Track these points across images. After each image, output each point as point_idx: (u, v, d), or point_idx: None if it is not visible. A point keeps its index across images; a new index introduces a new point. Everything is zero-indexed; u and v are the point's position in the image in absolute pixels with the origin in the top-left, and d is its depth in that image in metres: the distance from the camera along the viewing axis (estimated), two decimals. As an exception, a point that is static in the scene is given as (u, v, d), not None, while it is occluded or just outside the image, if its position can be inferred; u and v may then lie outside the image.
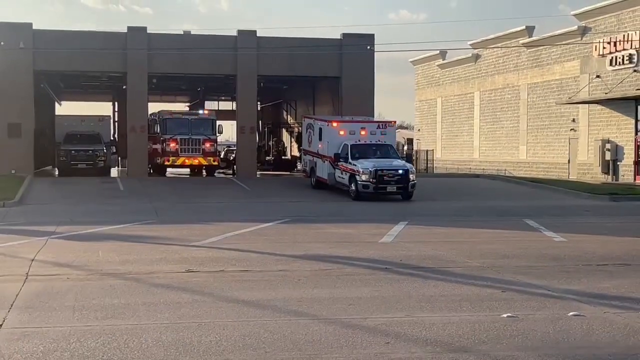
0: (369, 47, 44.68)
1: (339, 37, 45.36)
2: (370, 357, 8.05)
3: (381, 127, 34.66)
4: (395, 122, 37.20)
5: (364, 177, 31.13)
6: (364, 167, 31.25)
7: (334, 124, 34.79)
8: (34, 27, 41.15)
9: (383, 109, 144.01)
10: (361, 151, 32.78)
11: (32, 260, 14.78)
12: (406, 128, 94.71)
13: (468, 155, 59.02)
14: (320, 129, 35.70)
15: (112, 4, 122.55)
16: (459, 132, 60.89)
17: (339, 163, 33.06)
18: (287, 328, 9.26)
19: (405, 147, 67.06)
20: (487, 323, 9.58)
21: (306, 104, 56.32)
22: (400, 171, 31.61)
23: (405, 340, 8.80)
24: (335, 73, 44.89)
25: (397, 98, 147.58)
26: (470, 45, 56.79)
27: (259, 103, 54.41)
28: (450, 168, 59.13)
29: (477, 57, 57.89)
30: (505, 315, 10.00)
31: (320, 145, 35.51)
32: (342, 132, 34.03)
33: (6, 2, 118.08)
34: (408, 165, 33.07)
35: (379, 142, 33.76)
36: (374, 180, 31.01)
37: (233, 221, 22.77)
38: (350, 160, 32.30)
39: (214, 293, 11.58)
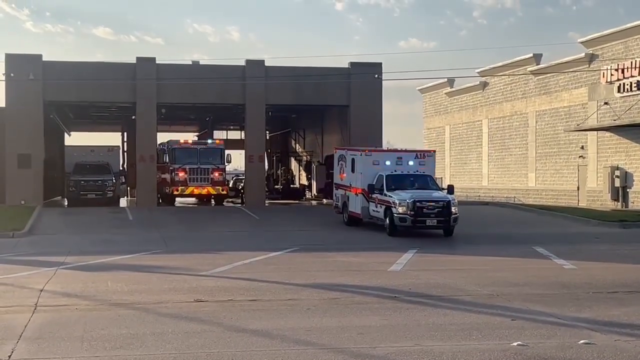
0: (376, 76, 44.83)
1: (347, 65, 45.56)
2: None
3: (419, 156, 31.96)
4: (434, 151, 34.93)
5: (400, 210, 28.18)
6: (401, 199, 28.42)
7: (368, 154, 32.19)
8: (44, 58, 41.46)
9: (391, 137, 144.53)
10: (398, 182, 30.12)
11: (41, 290, 14.79)
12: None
13: (477, 183, 58.96)
14: (353, 160, 33.23)
15: (124, 34, 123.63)
16: (467, 160, 60.88)
17: (373, 195, 30.38)
18: (296, 357, 9.23)
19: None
20: (497, 352, 9.53)
21: (314, 133, 56.46)
22: (442, 203, 28.39)
23: (415, 369, 8.75)
24: (343, 102, 45.02)
25: (406, 126, 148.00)
26: (477, 73, 56.93)
27: (267, 132, 54.59)
28: (459, 195, 58.61)
29: (484, 84, 57.99)
30: (515, 344, 9.94)
31: (352, 177, 33.00)
32: (376, 163, 31.47)
33: (17, 34, 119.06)
34: (450, 196, 29.32)
35: (417, 173, 31.21)
36: (412, 213, 27.94)
37: (242, 250, 22.75)
38: (385, 192, 29.65)
39: (222, 323, 11.56)
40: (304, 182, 59.81)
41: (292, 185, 59.80)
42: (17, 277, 17.10)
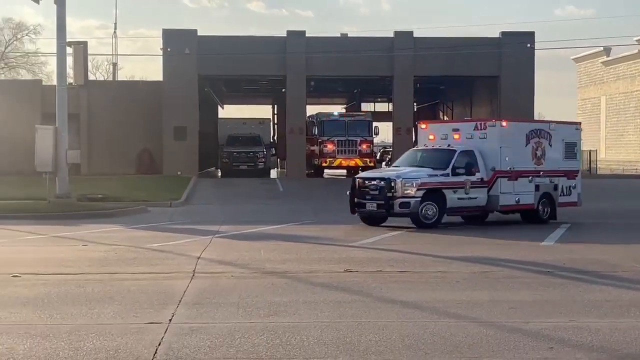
0: (529, 45, 43.70)
1: (498, 35, 44.61)
2: (533, 362, 7.89)
3: (480, 127, 23.86)
4: (498, 120, 24.80)
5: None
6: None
7: (423, 126, 26.12)
8: (199, 33, 42.71)
9: (542, 108, 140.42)
10: (411, 159, 24.26)
11: (198, 258, 15.33)
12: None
13: (635, 156, 56.57)
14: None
15: (276, 8, 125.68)
16: (624, 132, 58.53)
17: None
18: (447, 330, 9.20)
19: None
20: (657, 330, 9.17)
21: (463, 105, 55.72)
22: (382, 182, 21.87)
23: (570, 345, 8.55)
24: (493, 72, 44.20)
25: (557, 96, 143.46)
26: (636, 40, 54.46)
27: (415, 104, 54.24)
28: (615, 169, 56.89)
29: (644, 53, 55.45)
30: (676, 323, 9.54)
31: None
32: (431, 137, 24.78)
33: (174, 9, 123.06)
34: (394, 174, 22.21)
35: (448, 148, 23.35)
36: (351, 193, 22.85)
37: (390, 223, 22.78)
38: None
39: (372, 293, 11.64)
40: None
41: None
42: (175, 244, 17.80)
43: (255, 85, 55.10)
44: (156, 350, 8.24)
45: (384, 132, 57.15)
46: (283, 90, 46.42)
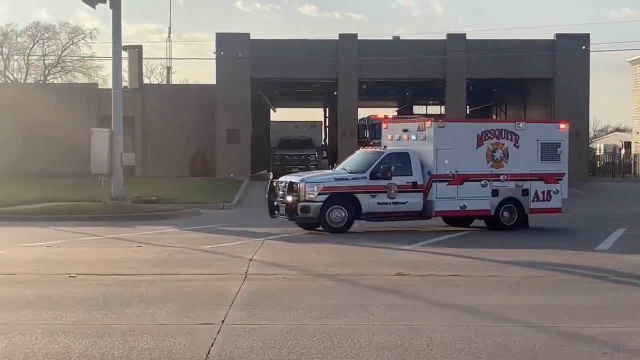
0: (584, 48, 43.11)
1: (552, 37, 44.13)
2: (588, 368, 7.80)
3: (421, 128, 22.46)
4: (437, 120, 24.49)
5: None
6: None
7: (385, 126, 25.33)
8: (252, 37, 43.00)
9: (597, 110, 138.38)
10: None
11: (250, 259, 15.41)
12: (623, 130, 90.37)
13: (692, 160, 55.45)
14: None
15: (328, 11, 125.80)
16: (682, 135, 57.37)
17: None
18: (500, 334, 9.13)
19: (623, 151, 63.91)
20: None
21: (516, 107, 55.16)
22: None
23: (625, 351, 8.44)
24: (547, 75, 43.66)
25: (613, 99, 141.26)
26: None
27: (467, 106, 53.85)
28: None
29: (702, 54, 54.35)
30: None
31: None
32: (389, 137, 23.81)
33: (227, 13, 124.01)
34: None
35: (379, 150, 23.18)
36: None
37: (441, 225, 22.65)
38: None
39: (424, 297, 11.60)
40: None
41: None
42: (227, 246, 17.92)
43: (307, 88, 55.21)
44: (209, 351, 8.32)
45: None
46: (335, 93, 46.45)
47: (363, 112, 49.85)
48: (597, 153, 58.22)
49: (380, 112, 57.27)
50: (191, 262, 15.44)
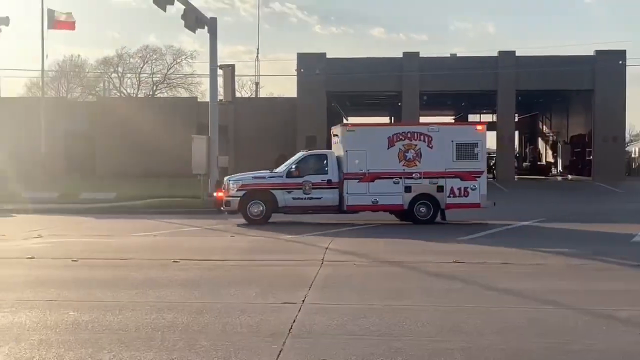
0: (620, 62, 42.04)
1: (592, 53, 43.15)
2: (623, 345, 7.60)
3: (340, 133, 22.49)
4: (342, 126, 23.20)
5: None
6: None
7: (332, 131, 24.52)
8: (328, 56, 43.13)
9: (633, 118, 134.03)
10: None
11: (326, 248, 15.44)
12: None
13: None
14: None
15: (394, 33, 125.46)
16: None
17: None
18: (544, 315, 8.97)
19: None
20: None
21: (560, 116, 54.16)
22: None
23: (658, 332, 8.19)
24: (588, 86, 42.79)
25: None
26: None
27: (516, 115, 53.09)
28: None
29: None
30: None
31: None
32: (333, 141, 23.75)
33: (306, 35, 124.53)
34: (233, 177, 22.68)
35: (303, 152, 23.40)
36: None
37: (492, 219, 22.31)
38: None
39: (478, 282, 11.45)
40: (550, 159, 57.60)
41: (539, 163, 57.81)
42: (307, 237, 17.98)
43: (374, 100, 55.08)
44: (291, 326, 8.38)
45: (489, 140, 55.97)
46: (399, 104, 46.25)
47: (423, 120, 49.48)
48: (633, 156, 56.52)
49: (438, 120, 56.83)
50: (276, 250, 15.56)
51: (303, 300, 9.82)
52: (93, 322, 8.59)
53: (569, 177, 47.77)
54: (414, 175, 21.38)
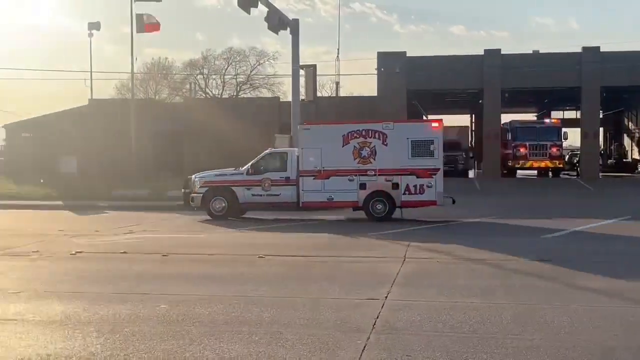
0: None
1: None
2: None
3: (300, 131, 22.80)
4: (300, 125, 23.20)
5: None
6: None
7: None
8: (408, 54, 42.86)
9: None
10: None
11: (408, 245, 15.37)
12: None
13: None
14: None
15: (475, 30, 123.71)
16: None
17: None
18: (633, 315, 8.69)
19: None
20: None
21: (648, 111, 52.25)
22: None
23: None
24: (676, 82, 41.08)
25: None
26: None
27: (601, 111, 51.48)
28: None
29: None
30: None
31: None
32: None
33: (388, 35, 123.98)
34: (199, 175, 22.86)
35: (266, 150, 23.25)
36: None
37: (578, 217, 21.72)
38: None
39: (563, 280, 11.19)
40: (636, 157, 55.71)
41: (624, 160, 55.98)
42: (388, 233, 17.95)
43: (455, 97, 54.36)
44: (375, 322, 8.39)
45: (573, 137, 54.49)
46: (480, 101, 45.52)
47: (505, 117, 48.64)
48: None
49: (520, 117, 55.68)
50: (357, 247, 15.57)
51: (386, 297, 9.82)
52: (183, 315, 8.81)
53: (657, 174, 46.13)
54: (368, 172, 21.24)
